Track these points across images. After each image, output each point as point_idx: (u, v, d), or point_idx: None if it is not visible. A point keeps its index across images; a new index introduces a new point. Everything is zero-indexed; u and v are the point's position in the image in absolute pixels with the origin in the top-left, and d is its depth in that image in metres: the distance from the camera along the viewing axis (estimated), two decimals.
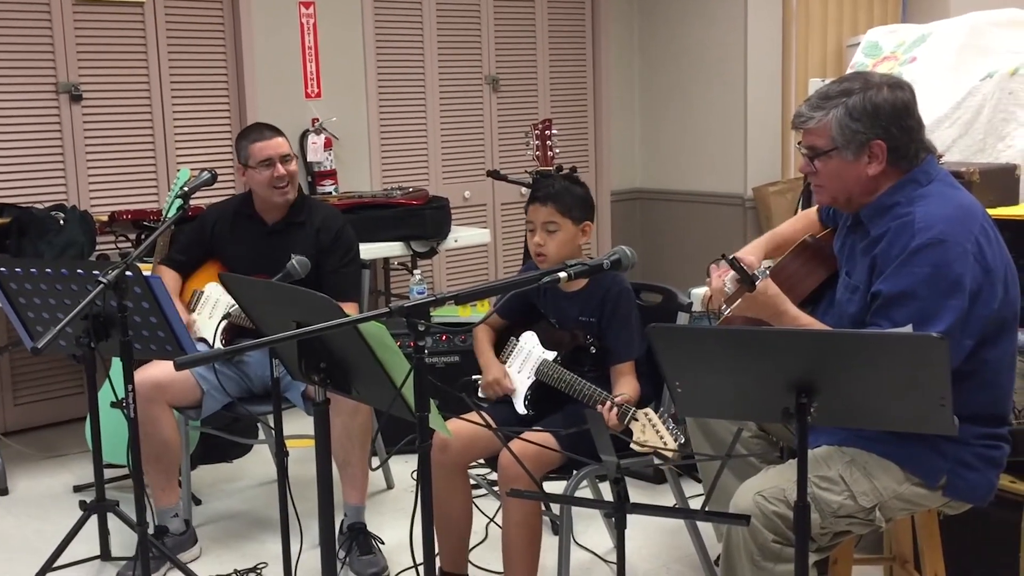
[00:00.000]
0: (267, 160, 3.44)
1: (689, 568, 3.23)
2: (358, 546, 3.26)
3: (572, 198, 2.89)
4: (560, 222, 2.86)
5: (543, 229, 2.88)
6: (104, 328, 2.77)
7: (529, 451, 2.56)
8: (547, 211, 2.87)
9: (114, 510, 3.18)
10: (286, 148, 3.49)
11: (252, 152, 3.46)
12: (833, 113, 2.26)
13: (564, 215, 2.87)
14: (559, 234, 2.87)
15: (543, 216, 2.87)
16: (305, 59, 5.30)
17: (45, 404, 4.80)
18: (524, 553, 2.75)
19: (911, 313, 2.13)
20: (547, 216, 2.87)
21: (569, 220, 2.87)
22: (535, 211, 2.90)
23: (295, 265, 2.80)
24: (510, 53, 6.07)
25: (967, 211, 2.23)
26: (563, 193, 2.89)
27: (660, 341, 2.00)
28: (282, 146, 3.48)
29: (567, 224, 2.87)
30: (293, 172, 3.49)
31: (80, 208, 4.49)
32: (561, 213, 2.86)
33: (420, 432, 1.93)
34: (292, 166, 3.48)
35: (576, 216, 2.89)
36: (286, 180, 3.45)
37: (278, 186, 3.45)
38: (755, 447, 2.66)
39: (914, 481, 2.24)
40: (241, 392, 3.49)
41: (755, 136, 6.13)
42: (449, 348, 4.23)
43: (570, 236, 2.88)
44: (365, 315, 1.95)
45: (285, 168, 3.45)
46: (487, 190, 6.02)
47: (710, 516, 2.11)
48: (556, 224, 2.86)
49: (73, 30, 4.65)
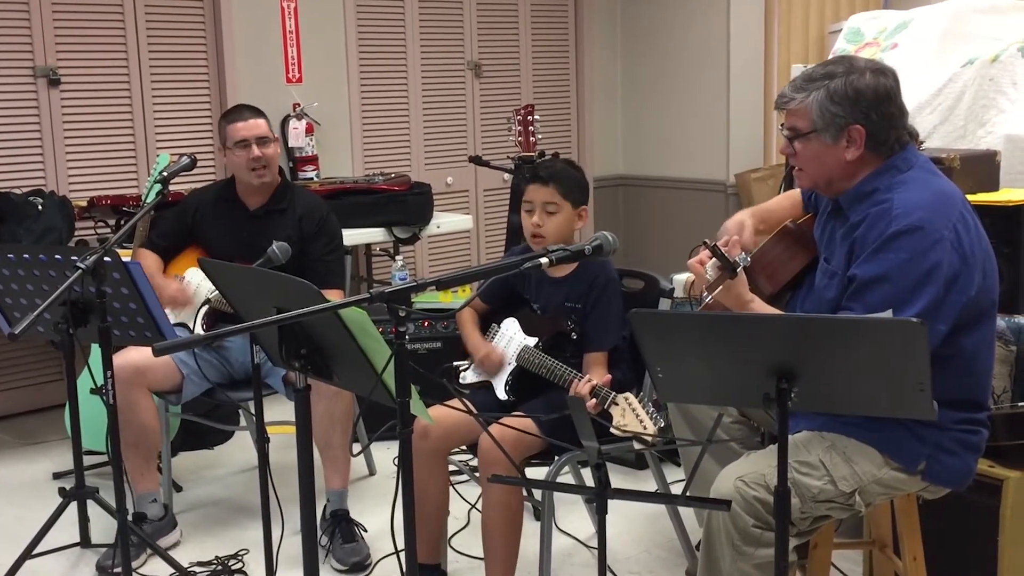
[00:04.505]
0: (243, 141, 3.42)
1: (670, 553, 3.24)
2: (341, 533, 3.26)
3: (572, 181, 2.90)
4: (560, 204, 2.85)
5: (543, 210, 2.86)
6: (83, 314, 2.75)
7: (509, 436, 2.56)
8: (548, 192, 2.85)
9: (94, 497, 3.16)
10: (262, 130, 3.45)
11: (230, 133, 3.45)
12: (814, 95, 2.27)
13: (564, 197, 2.86)
14: (558, 216, 2.85)
15: (544, 196, 2.86)
16: (286, 44, 5.27)
17: (24, 391, 4.77)
18: (505, 539, 2.75)
19: (884, 297, 2.14)
20: (548, 196, 2.85)
21: (568, 203, 2.87)
22: (535, 191, 2.88)
23: (276, 251, 2.78)
24: (492, 39, 6.05)
25: (946, 198, 2.23)
26: (564, 175, 2.89)
27: (641, 326, 2.00)
28: (258, 127, 3.45)
29: (566, 206, 2.86)
30: (270, 155, 3.45)
31: (59, 193, 4.46)
32: (562, 195, 2.85)
33: (401, 418, 1.92)
34: (270, 149, 3.45)
35: (575, 199, 2.88)
36: (262, 162, 3.43)
37: (254, 168, 3.43)
38: (736, 432, 2.66)
39: (893, 466, 2.25)
40: (222, 378, 3.48)
41: (737, 122, 6.13)
42: (431, 334, 4.22)
43: (568, 219, 2.87)
44: (346, 300, 1.94)
45: (261, 150, 3.42)
46: (469, 176, 6.01)
47: (691, 501, 2.12)
48: (556, 206, 2.85)
49: (51, 13, 4.60)
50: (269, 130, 3.49)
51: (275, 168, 3.49)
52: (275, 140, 3.51)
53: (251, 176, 3.44)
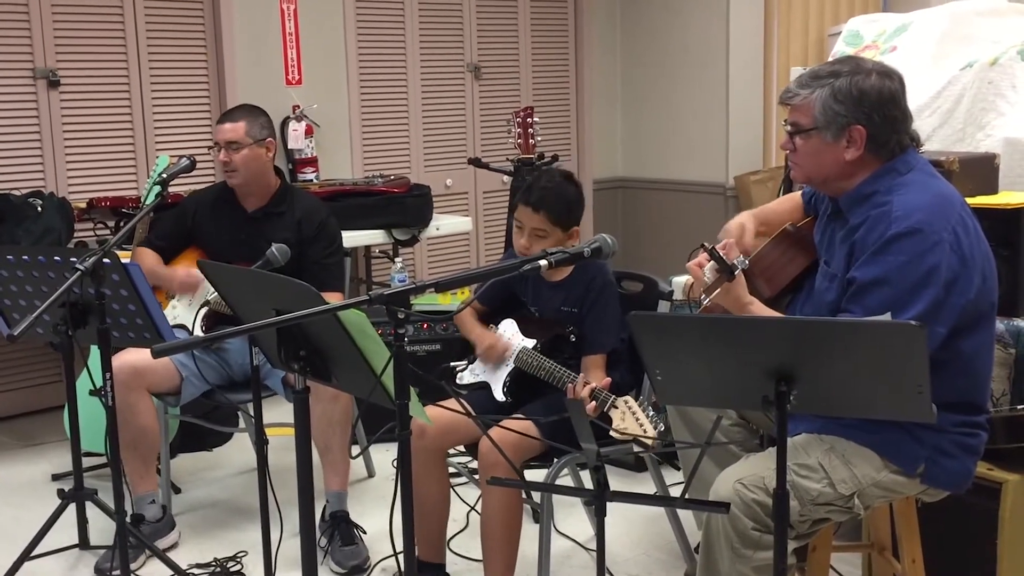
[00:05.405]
0: (216, 144, 3.46)
1: (669, 555, 3.24)
2: (340, 535, 3.25)
3: (564, 206, 2.81)
4: (549, 231, 2.81)
5: (531, 234, 2.81)
6: (82, 315, 2.75)
7: (509, 438, 2.56)
8: (538, 219, 2.80)
9: (92, 499, 3.16)
10: (231, 135, 3.42)
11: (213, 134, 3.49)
12: (819, 93, 2.27)
13: (555, 224, 2.80)
14: (547, 240, 2.80)
15: (533, 223, 2.81)
16: (286, 45, 5.27)
17: (23, 392, 4.77)
18: (504, 541, 2.75)
19: (883, 300, 2.14)
20: (537, 224, 2.80)
21: (559, 228, 2.82)
22: (525, 215, 2.82)
23: (275, 252, 2.78)
24: (492, 41, 6.05)
25: (945, 200, 2.23)
26: (556, 201, 2.80)
27: (640, 329, 2.00)
28: (226, 132, 3.43)
29: (556, 232, 2.81)
30: (237, 160, 3.41)
31: (58, 195, 4.46)
32: (552, 222, 2.80)
33: (400, 420, 1.92)
34: (239, 154, 3.41)
35: (566, 224, 2.83)
36: (231, 166, 3.43)
37: (224, 170, 3.46)
38: (735, 435, 2.66)
39: (892, 469, 2.25)
40: (221, 380, 3.48)
41: (737, 125, 6.13)
42: (430, 336, 4.22)
43: (556, 241, 2.81)
44: (345, 303, 1.94)
45: (229, 155, 3.41)
46: (469, 178, 6.01)
47: (690, 504, 2.11)
48: (545, 232, 2.80)
49: (51, 15, 4.61)
50: (245, 134, 3.43)
51: (247, 172, 3.44)
52: (255, 144, 3.43)
53: (225, 178, 3.49)
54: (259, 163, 3.47)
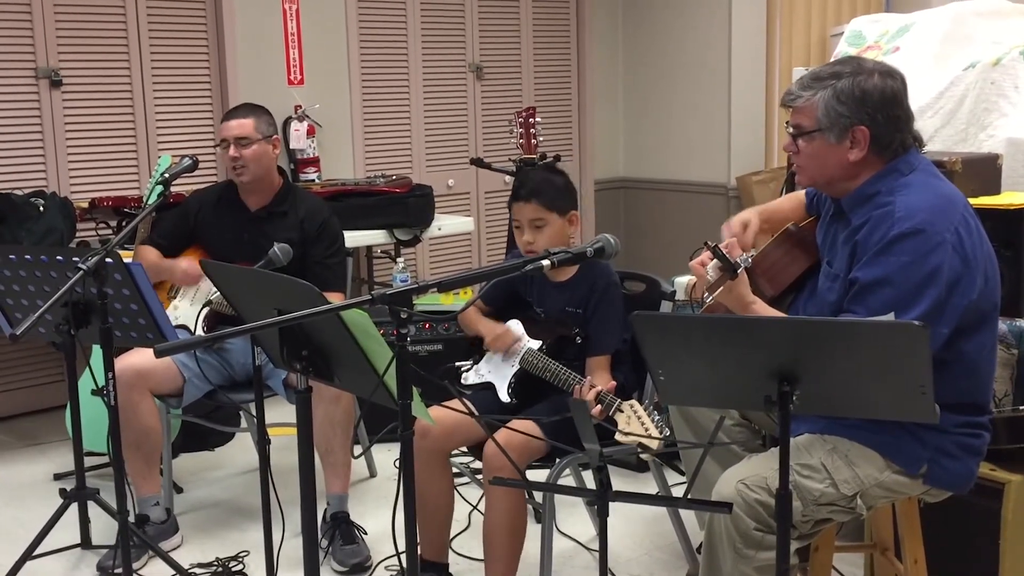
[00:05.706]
0: (224, 141, 3.44)
1: (671, 556, 3.24)
2: (341, 535, 3.25)
3: (554, 190, 2.86)
4: (546, 217, 2.83)
5: (531, 227, 2.84)
6: (84, 315, 2.75)
7: (515, 441, 2.56)
8: (532, 208, 2.83)
9: (95, 498, 3.16)
10: (240, 131, 3.42)
11: (219, 132, 3.46)
12: (821, 94, 2.26)
13: (549, 209, 2.83)
14: (547, 229, 2.83)
15: (529, 214, 2.84)
16: (288, 45, 5.27)
17: (25, 392, 4.77)
18: (506, 541, 2.75)
19: (886, 300, 2.13)
20: (532, 213, 2.83)
21: (555, 213, 2.84)
22: (519, 209, 2.86)
23: (277, 252, 2.78)
24: (494, 41, 6.05)
25: (948, 201, 2.23)
26: (544, 187, 2.85)
27: (643, 329, 1.99)
28: (238, 128, 3.43)
29: (553, 217, 2.84)
30: (248, 155, 3.41)
31: (60, 194, 4.46)
32: (546, 208, 2.83)
33: (402, 420, 1.92)
34: (249, 149, 3.42)
35: (561, 207, 2.86)
36: (240, 162, 3.42)
37: (233, 167, 3.45)
38: (737, 435, 2.66)
39: (895, 469, 2.24)
40: (223, 380, 3.48)
41: (739, 125, 6.13)
42: (432, 336, 4.22)
43: (558, 229, 2.85)
44: (347, 302, 1.94)
45: (239, 150, 3.41)
46: (471, 178, 6.01)
47: (692, 504, 2.11)
48: (543, 220, 2.83)
49: (53, 14, 4.61)
50: (255, 130, 3.44)
51: (257, 168, 3.45)
52: (264, 140, 3.45)
53: (233, 175, 3.47)
54: (268, 159, 3.48)
